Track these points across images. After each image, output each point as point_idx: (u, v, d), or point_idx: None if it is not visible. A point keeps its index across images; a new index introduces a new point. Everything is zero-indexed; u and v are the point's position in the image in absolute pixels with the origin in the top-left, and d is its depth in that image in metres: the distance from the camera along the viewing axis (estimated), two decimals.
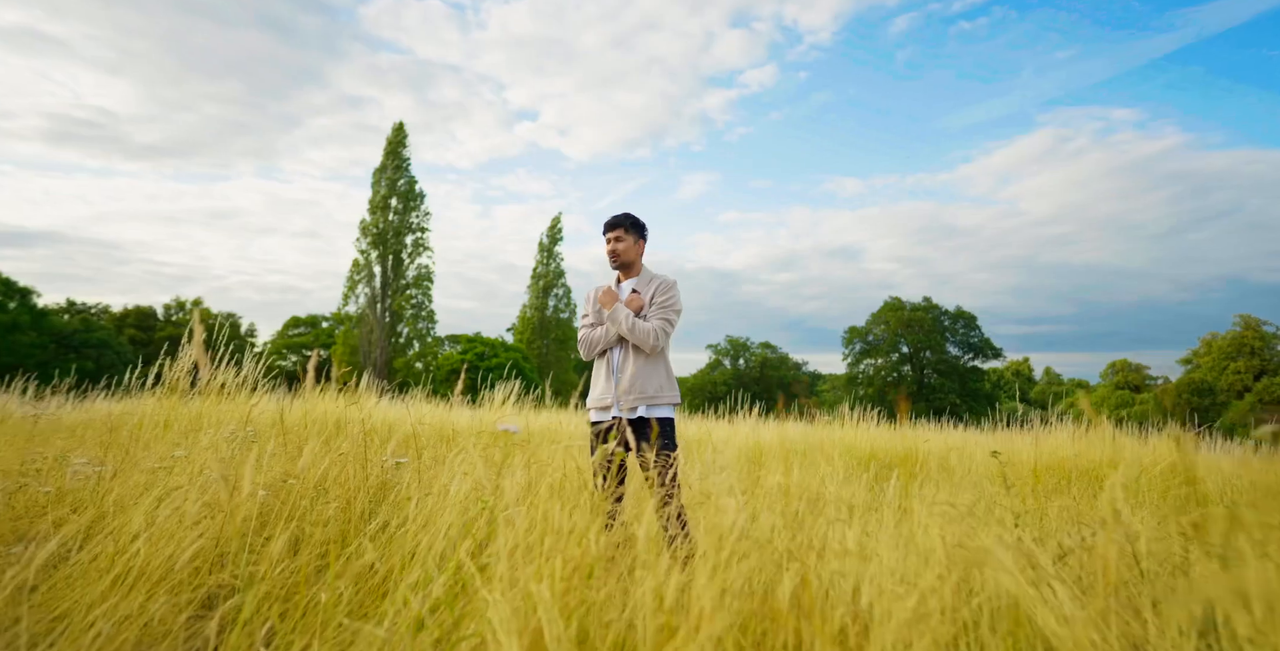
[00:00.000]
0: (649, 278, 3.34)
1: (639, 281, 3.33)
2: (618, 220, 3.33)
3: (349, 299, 38.23)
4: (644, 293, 3.26)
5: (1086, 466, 3.91)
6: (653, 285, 3.29)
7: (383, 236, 38.26)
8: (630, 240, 3.34)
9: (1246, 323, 49.72)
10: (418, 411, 6.81)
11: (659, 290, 3.26)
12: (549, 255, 44.82)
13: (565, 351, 44.53)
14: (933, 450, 5.94)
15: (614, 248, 3.30)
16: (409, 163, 39.09)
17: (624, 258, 3.32)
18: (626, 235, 3.33)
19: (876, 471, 4.66)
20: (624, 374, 3.15)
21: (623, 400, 3.12)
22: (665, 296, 3.24)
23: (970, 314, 50.31)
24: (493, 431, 5.84)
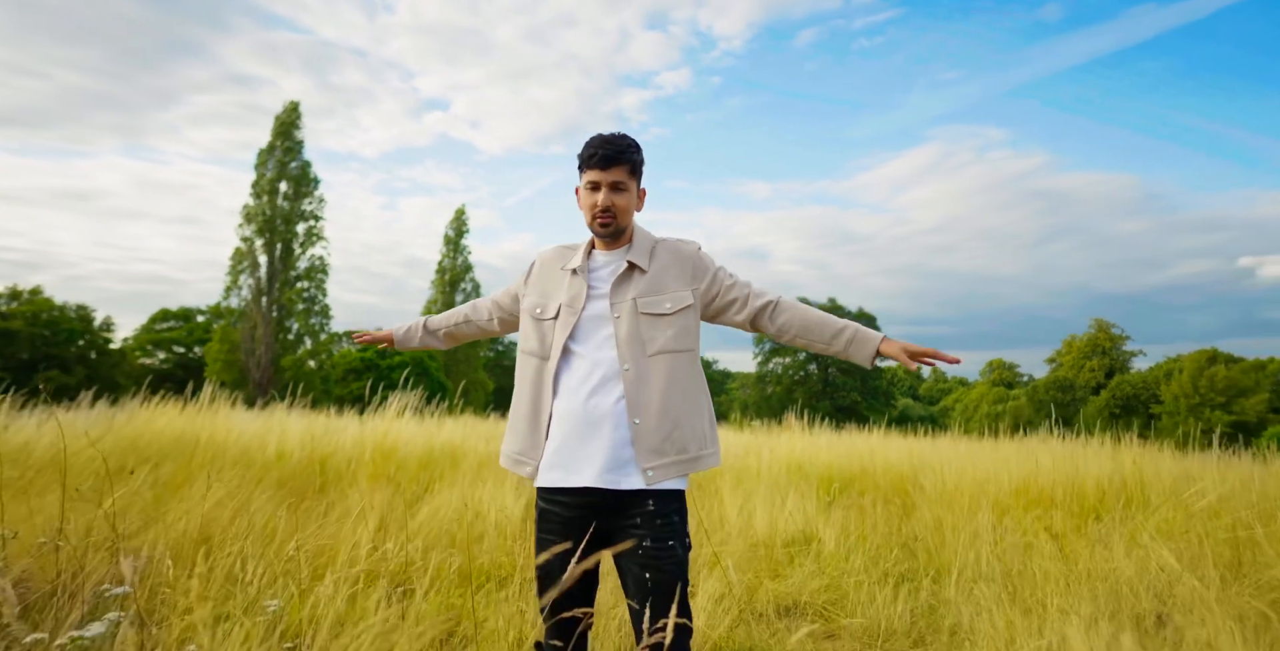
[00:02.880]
0: (649, 245, 1.91)
1: (635, 253, 1.87)
2: (618, 148, 1.81)
3: (230, 291, 34.60)
4: (655, 272, 1.85)
5: (1087, 489, 3.64)
6: (678, 260, 1.90)
7: (270, 223, 34.91)
8: (632, 187, 1.87)
9: (1099, 326, 55.74)
10: (289, 426, 5.65)
11: (702, 271, 1.91)
12: (455, 248, 42.96)
13: (473, 349, 42.81)
14: (889, 463, 5.64)
15: (610, 201, 1.82)
16: (303, 145, 35.92)
17: (622, 220, 1.86)
18: (630, 179, 1.85)
19: (850, 502, 4.16)
20: (641, 403, 1.71)
21: (641, 458, 1.68)
22: (718, 271, 1.93)
23: (871, 315, 53.12)
24: (381, 452, 4.86)
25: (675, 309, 1.83)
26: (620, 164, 1.83)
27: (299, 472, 4.51)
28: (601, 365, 1.78)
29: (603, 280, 1.89)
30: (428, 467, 5.11)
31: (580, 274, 1.89)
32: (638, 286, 1.85)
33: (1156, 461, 4.56)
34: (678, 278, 1.88)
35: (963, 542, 3.06)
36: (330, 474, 4.61)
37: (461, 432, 7.57)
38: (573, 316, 1.83)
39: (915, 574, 2.90)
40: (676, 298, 1.85)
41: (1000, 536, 3.08)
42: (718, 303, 1.90)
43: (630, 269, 1.88)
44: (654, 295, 1.85)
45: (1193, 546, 2.50)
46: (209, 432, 4.73)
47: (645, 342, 1.79)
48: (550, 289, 1.94)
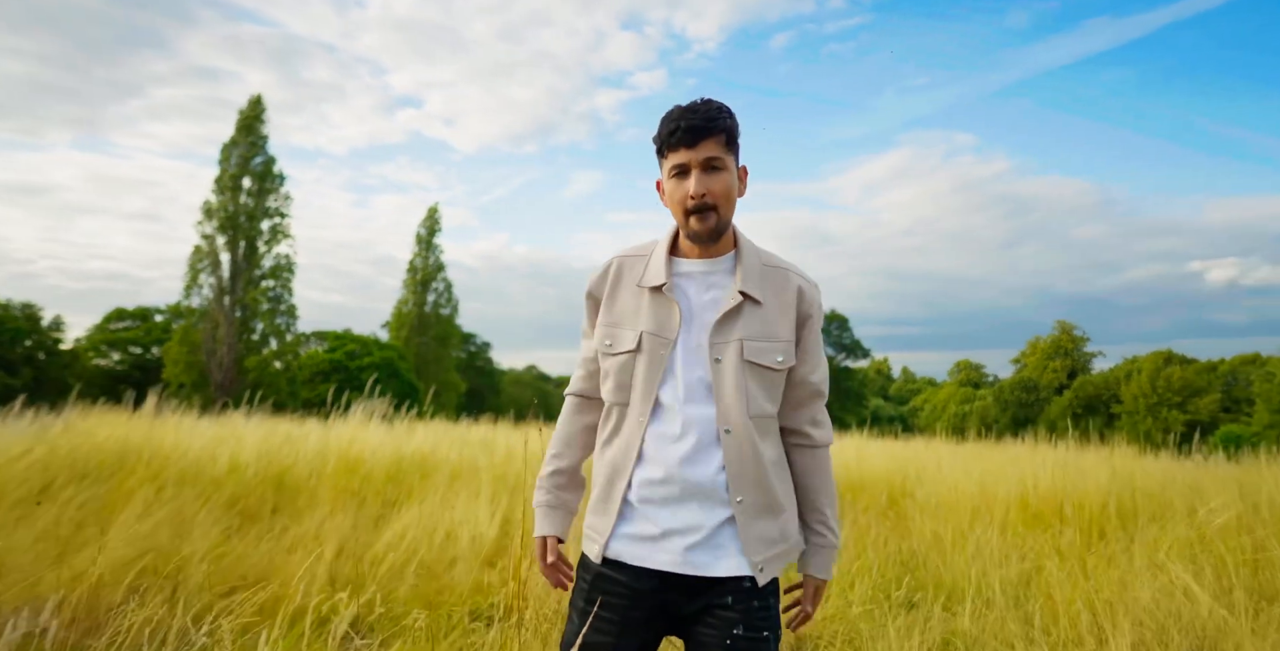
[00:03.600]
0: (757, 263, 1.44)
1: (747, 273, 1.41)
2: (706, 116, 1.36)
3: (191, 290, 33.44)
4: (769, 306, 1.41)
5: (1089, 501, 3.51)
6: (786, 293, 1.44)
7: (233, 220, 33.85)
8: (731, 165, 1.40)
9: (1062, 327, 57.26)
10: (245, 435, 5.24)
11: (805, 312, 1.45)
12: (427, 247, 42.28)
13: (445, 349, 42.14)
14: (879, 472, 5.50)
15: (706, 186, 1.37)
16: (267, 140, 34.92)
17: (725, 211, 1.39)
18: (728, 155, 1.39)
19: (843, 514, 3.97)
20: (745, 477, 1.36)
21: (750, 547, 1.35)
22: (816, 326, 1.46)
23: (843, 316, 53.86)
24: (345, 464, 4.52)
25: (785, 365, 1.40)
26: (712, 135, 1.35)
27: (253, 488, 4.16)
28: (696, 424, 1.36)
29: (696, 301, 1.40)
30: (396, 480, 4.80)
31: (667, 292, 1.40)
32: (749, 324, 1.38)
33: (1152, 468, 4.51)
34: (786, 317, 1.41)
35: (965, 560, 2.92)
36: (288, 489, 4.27)
37: (433, 439, 7.23)
38: (664, 350, 1.37)
39: (922, 598, 2.73)
40: (788, 350, 1.40)
41: (1004, 554, 2.94)
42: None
43: (743, 302, 1.39)
44: (766, 341, 1.38)
45: (1213, 566, 2.39)
46: (155, 444, 4.34)
47: (749, 400, 1.36)
48: (625, 309, 1.43)
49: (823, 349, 1.48)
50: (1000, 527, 3.46)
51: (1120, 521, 3.32)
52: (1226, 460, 6.46)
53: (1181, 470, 5.50)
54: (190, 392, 30.72)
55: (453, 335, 42.81)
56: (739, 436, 1.35)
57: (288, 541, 3.00)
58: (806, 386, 1.44)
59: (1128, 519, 3.36)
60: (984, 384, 65.76)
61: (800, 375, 1.44)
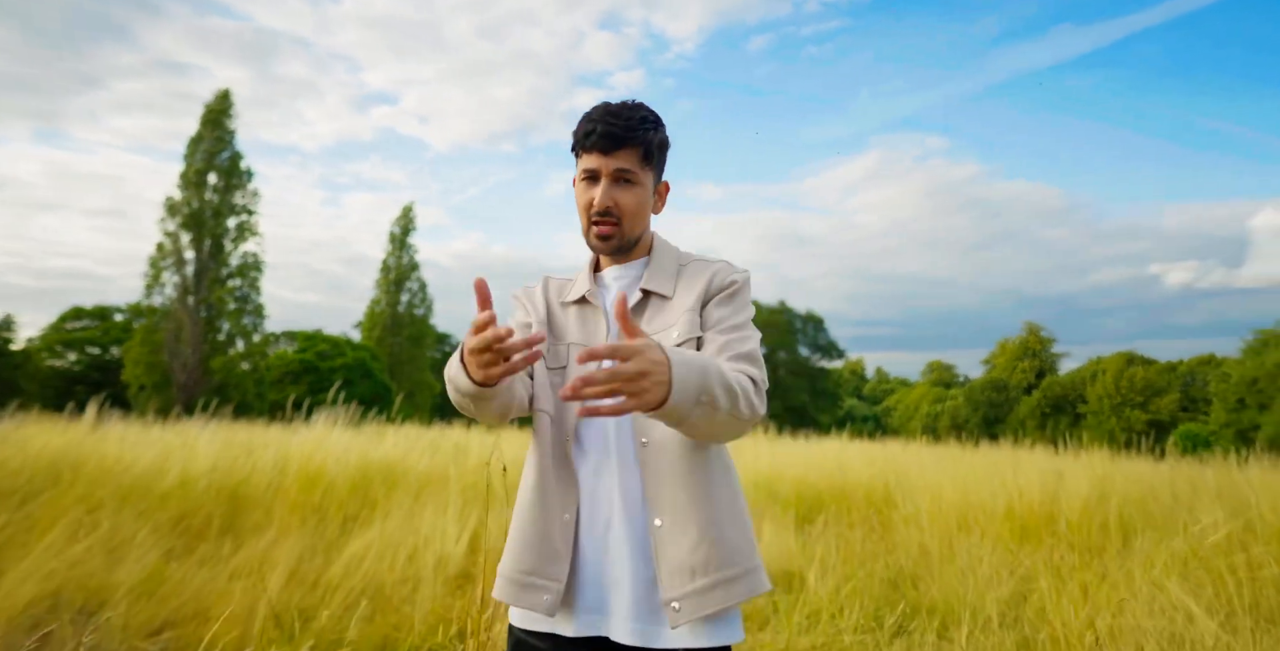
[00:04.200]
0: (672, 263, 1.34)
1: (655, 272, 1.32)
2: (627, 122, 1.24)
3: (153, 289, 32.41)
4: (678, 299, 1.30)
5: (1076, 510, 3.43)
6: (698, 280, 1.31)
7: (197, 217, 32.94)
8: (646, 180, 1.29)
9: (1030, 328, 58.54)
10: (201, 443, 4.90)
11: (717, 288, 1.30)
12: (401, 246, 41.68)
13: (420, 349, 41.54)
14: (861, 479, 5.40)
15: (611, 199, 1.26)
16: (234, 136, 34.06)
17: (630, 224, 1.29)
18: (643, 170, 1.28)
19: (826, 525, 3.83)
20: (663, 496, 1.18)
21: (666, 582, 1.14)
22: (732, 300, 1.29)
23: (819, 317, 54.42)
24: (306, 476, 4.24)
25: (681, 339, 1.22)
26: (630, 145, 1.23)
27: (203, 504, 3.88)
28: (615, 438, 1.22)
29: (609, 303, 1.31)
30: (360, 492, 4.54)
31: (594, 301, 1.31)
32: (651, 319, 1.28)
33: (1131, 472, 4.49)
34: (691, 300, 1.27)
35: (955, 578, 2.81)
36: (243, 505, 3.99)
37: (403, 446, 6.95)
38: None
39: (916, 624, 2.61)
40: (687, 321, 1.24)
41: (995, 571, 2.84)
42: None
43: (646, 298, 1.29)
44: (660, 330, 1.26)
45: (1211, 584, 2.32)
46: (98, 455, 4.02)
47: None
48: (557, 325, 1.35)
49: (747, 315, 1.27)
50: (989, 540, 3.38)
51: (1110, 534, 3.26)
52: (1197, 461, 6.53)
53: (1156, 473, 5.52)
54: (151, 394, 29.77)
55: (427, 335, 42.21)
56: (654, 446, 1.19)
57: (233, 566, 2.76)
58: (726, 345, 1.20)
59: (1117, 530, 3.30)
60: (955, 384, 66.96)
61: (709, 337, 1.23)
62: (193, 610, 2.18)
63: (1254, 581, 2.41)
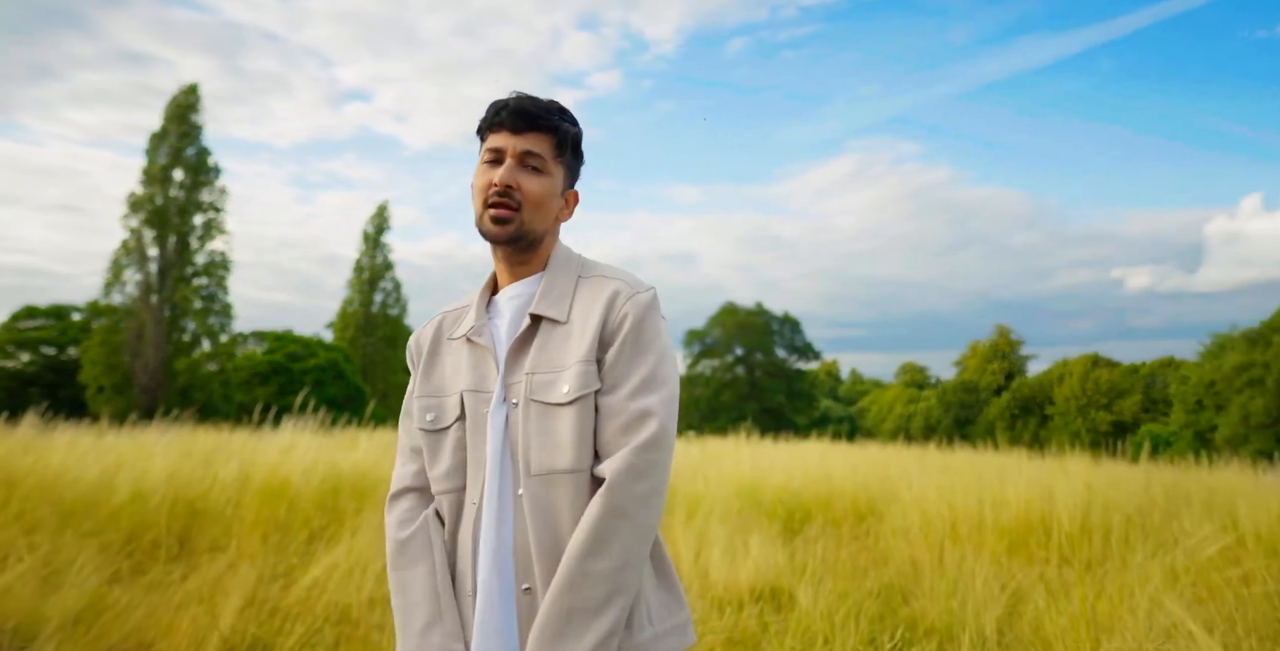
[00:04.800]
0: (571, 278, 1.15)
1: (548, 290, 1.13)
2: (540, 108, 1.13)
3: (112, 287, 31.38)
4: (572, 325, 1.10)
5: (1064, 520, 3.37)
6: (595, 304, 1.10)
7: (162, 214, 32.00)
8: (555, 172, 1.15)
9: (1000, 331, 59.79)
10: (157, 453, 4.60)
11: (615, 323, 1.08)
12: (375, 245, 41.08)
13: (394, 351, 40.97)
14: (846, 487, 5.33)
15: (514, 178, 1.10)
16: (201, 131, 33.19)
17: (532, 213, 1.12)
18: (554, 161, 1.15)
19: (813, 536, 3.72)
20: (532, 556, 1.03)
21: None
22: (636, 339, 1.08)
23: (795, 318, 54.81)
24: (269, 490, 3.99)
25: (573, 394, 1.03)
26: (541, 129, 1.11)
27: (157, 521, 3.62)
28: (496, 488, 1.06)
29: (503, 336, 1.13)
30: (328, 505, 4.32)
31: (483, 335, 1.12)
32: (540, 352, 1.08)
33: (1112, 477, 4.50)
34: (586, 332, 1.06)
35: (949, 593, 2.74)
36: (200, 521, 3.75)
37: (376, 453, 6.70)
38: (484, 407, 1.08)
39: (912, 648, 2.52)
40: (582, 374, 1.04)
41: (988, 587, 2.77)
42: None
43: (536, 323, 1.10)
44: (549, 370, 1.06)
45: (1211, 600, 2.28)
46: (40, 469, 3.74)
47: (534, 451, 1.04)
48: (446, 376, 1.16)
49: (652, 365, 1.05)
50: (979, 553, 3.32)
51: (1101, 547, 3.23)
52: (1168, 464, 6.62)
53: (1132, 476, 5.58)
54: (110, 396, 28.80)
55: (401, 336, 41.64)
56: (530, 499, 1.02)
57: (186, 590, 2.55)
58: (615, 415, 1.02)
59: (1107, 543, 3.27)
60: (927, 385, 68.08)
61: (607, 402, 1.03)
62: (135, 642, 1.98)
63: (1248, 597, 2.37)
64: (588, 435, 1.03)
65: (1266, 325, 29.35)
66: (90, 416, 12.94)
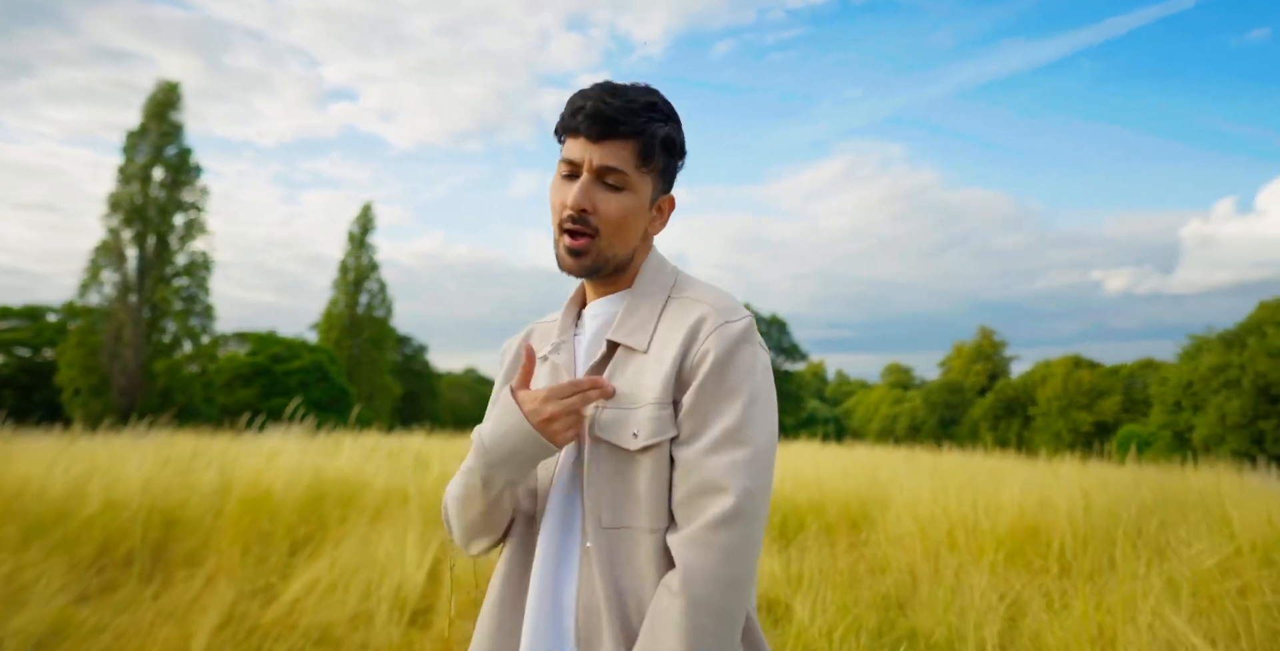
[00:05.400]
0: (658, 298, 0.99)
1: (627, 312, 0.99)
2: (626, 105, 0.95)
3: (89, 288, 30.80)
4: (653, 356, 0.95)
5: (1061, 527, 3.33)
6: (677, 332, 0.94)
7: (141, 213, 31.47)
8: (640, 186, 0.98)
9: (983, 332, 60.46)
10: (131, 460, 4.43)
11: (696, 358, 0.92)
12: (360, 246, 40.73)
13: (380, 352, 40.57)
14: (839, 491, 5.29)
15: (588, 200, 0.95)
16: (182, 129, 32.69)
17: (611, 239, 0.97)
18: (638, 172, 0.97)
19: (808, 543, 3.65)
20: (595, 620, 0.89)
21: None
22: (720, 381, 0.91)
23: (783, 320, 55.07)
24: (251, 499, 3.86)
25: (645, 441, 0.90)
26: (624, 136, 0.94)
27: (132, 532, 3.48)
28: (560, 533, 0.95)
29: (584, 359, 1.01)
30: (311, 514, 4.20)
31: (562, 352, 1.01)
32: (618, 380, 0.95)
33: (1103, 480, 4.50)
34: (661, 365, 0.92)
35: (947, 603, 2.70)
36: (177, 532, 3.62)
37: (360, 457, 6.56)
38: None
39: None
40: (656, 419, 0.90)
41: (987, 598, 2.74)
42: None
43: (612, 351, 0.97)
44: (623, 407, 0.92)
45: (1214, 613, 2.25)
46: (6, 476, 3.58)
47: (605, 500, 0.91)
48: None
49: (736, 415, 0.88)
50: (978, 561, 3.29)
51: (1100, 554, 3.20)
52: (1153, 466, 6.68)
53: (1119, 478, 5.61)
54: (87, 398, 28.23)
55: (387, 337, 41.23)
56: (597, 552, 0.89)
57: (159, 608, 2.44)
58: (688, 475, 0.88)
59: (1104, 551, 3.25)
60: (912, 386, 68.65)
61: (681, 456, 0.89)
62: None
63: (1252, 609, 2.36)
64: (664, 490, 0.89)
65: (1242, 327, 29.92)
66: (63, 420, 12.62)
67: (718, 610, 0.83)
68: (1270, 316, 28.72)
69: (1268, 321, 28.64)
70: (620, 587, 0.88)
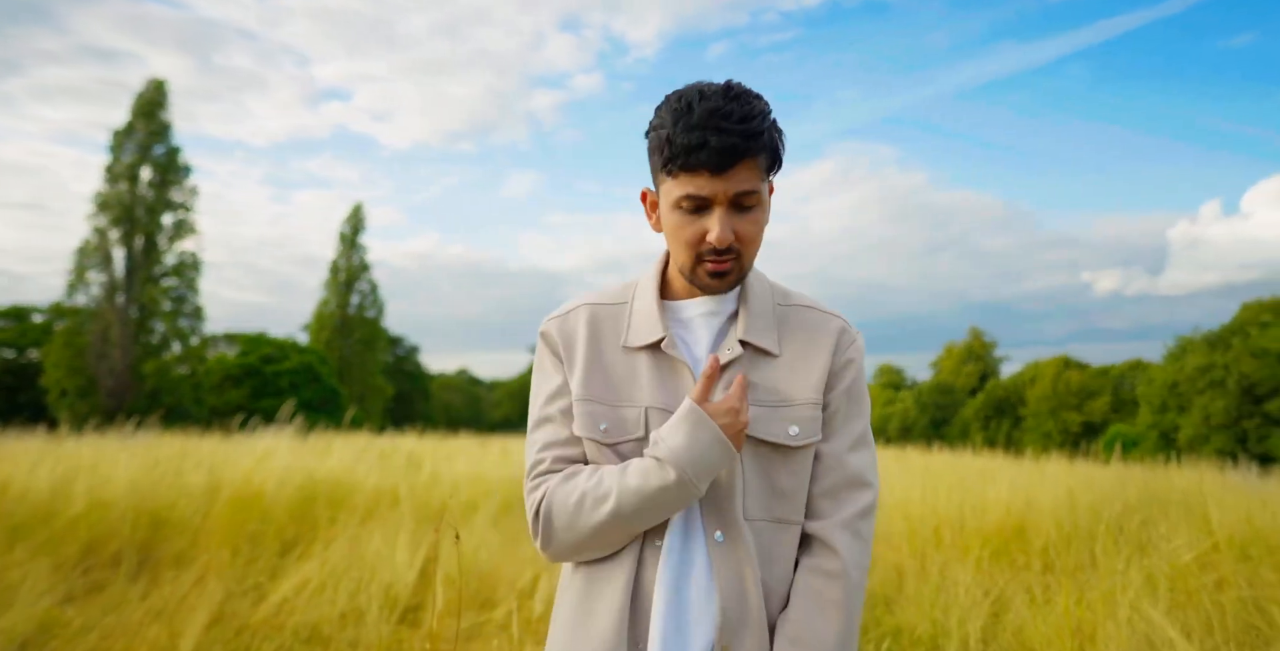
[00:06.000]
0: (770, 302, 1.05)
1: (755, 317, 1.02)
2: (746, 128, 0.91)
3: (76, 288, 30.47)
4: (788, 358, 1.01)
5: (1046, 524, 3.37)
6: (818, 343, 1.03)
7: (128, 213, 31.16)
8: (767, 195, 0.99)
9: (974, 333, 60.90)
10: (119, 460, 4.39)
11: (840, 366, 1.03)
12: (351, 246, 40.50)
13: (371, 352, 40.36)
14: None
15: (735, 233, 0.95)
16: (170, 128, 32.40)
17: (750, 254, 0.99)
18: (764, 181, 0.97)
19: None
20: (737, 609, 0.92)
21: None
22: (856, 389, 1.04)
23: None
24: (241, 500, 3.84)
25: (802, 439, 0.96)
26: (751, 156, 0.92)
27: (118, 532, 3.47)
28: (682, 527, 0.96)
29: (705, 357, 1.00)
30: (301, 516, 4.19)
31: (667, 348, 0.99)
32: (753, 385, 0.98)
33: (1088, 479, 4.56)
34: (811, 371, 0.99)
35: (933, 601, 2.74)
36: (164, 533, 3.60)
37: (351, 458, 6.54)
38: None
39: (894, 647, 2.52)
40: (810, 417, 0.97)
41: (969, 592, 2.78)
42: None
43: (742, 353, 0.99)
44: (775, 406, 0.97)
45: (1190, 607, 2.30)
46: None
47: (751, 493, 0.95)
48: (615, 380, 1.01)
49: (867, 421, 1.01)
50: (963, 558, 3.33)
51: (1081, 551, 3.26)
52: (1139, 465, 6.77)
53: (1105, 476, 5.69)
54: (74, 400, 27.92)
55: (379, 338, 41.04)
56: (730, 545, 0.92)
57: (147, 608, 2.43)
58: (834, 470, 0.97)
59: (1086, 547, 3.30)
60: (904, 387, 69.04)
61: (825, 451, 0.98)
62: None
63: (1228, 603, 2.41)
64: (805, 484, 0.97)
65: (1226, 328, 30.29)
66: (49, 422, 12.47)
67: (863, 592, 0.95)
68: (1254, 317, 29.10)
69: (1251, 322, 29.02)
70: (770, 577, 0.94)
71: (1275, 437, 26.21)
